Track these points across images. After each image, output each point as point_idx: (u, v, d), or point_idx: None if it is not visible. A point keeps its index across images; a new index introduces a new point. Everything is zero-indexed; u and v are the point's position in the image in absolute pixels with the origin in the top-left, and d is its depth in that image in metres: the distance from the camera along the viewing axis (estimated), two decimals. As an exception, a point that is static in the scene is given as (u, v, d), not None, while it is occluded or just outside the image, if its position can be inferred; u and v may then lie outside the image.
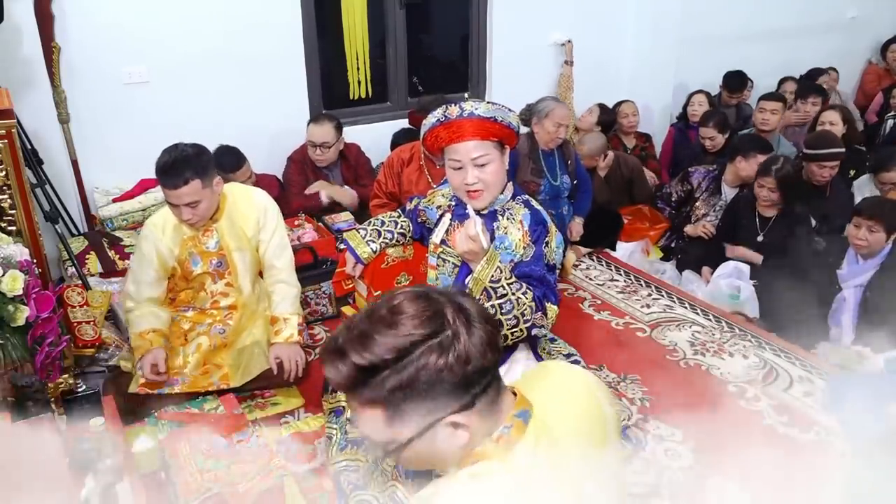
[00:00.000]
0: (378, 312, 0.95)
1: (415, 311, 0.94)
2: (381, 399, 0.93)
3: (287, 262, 2.57)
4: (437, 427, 0.95)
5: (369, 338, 0.92)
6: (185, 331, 2.54)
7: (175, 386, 2.41)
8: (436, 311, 0.94)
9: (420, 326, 0.92)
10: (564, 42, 4.69)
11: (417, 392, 0.91)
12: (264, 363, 2.45)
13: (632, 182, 4.19)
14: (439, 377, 0.91)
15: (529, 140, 3.45)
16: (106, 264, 3.15)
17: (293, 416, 2.46)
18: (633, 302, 3.27)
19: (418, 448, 0.97)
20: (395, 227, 2.39)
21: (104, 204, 3.57)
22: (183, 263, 2.48)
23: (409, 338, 0.91)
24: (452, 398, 0.93)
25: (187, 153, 2.30)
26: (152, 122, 3.61)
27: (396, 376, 0.91)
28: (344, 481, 2.00)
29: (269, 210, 2.53)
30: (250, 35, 3.74)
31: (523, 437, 0.99)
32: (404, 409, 0.93)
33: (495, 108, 1.99)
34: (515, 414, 1.00)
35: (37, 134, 3.25)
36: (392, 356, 0.91)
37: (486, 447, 0.97)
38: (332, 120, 3.67)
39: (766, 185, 3.38)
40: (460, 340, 0.92)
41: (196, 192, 2.30)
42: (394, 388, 0.91)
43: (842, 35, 6.03)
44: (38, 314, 2.15)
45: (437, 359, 0.91)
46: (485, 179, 1.99)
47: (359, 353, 0.92)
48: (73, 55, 3.39)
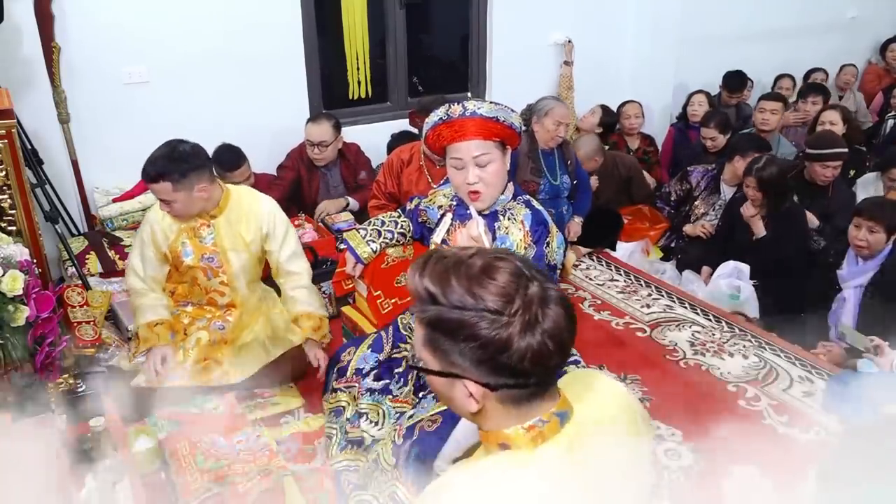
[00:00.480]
0: (475, 262, 0.98)
1: (502, 285, 0.95)
2: (426, 323, 0.99)
3: (304, 266, 2.56)
4: (455, 380, 0.99)
5: (449, 277, 0.96)
6: (185, 325, 2.54)
7: (175, 379, 2.41)
8: (517, 296, 0.95)
9: (493, 300, 0.94)
10: (564, 42, 4.70)
11: (453, 340, 0.96)
12: (264, 359, 2.46)
13: (630, 181, 4.18)
14: (474, 343, 0.94)
15: (529, 139, 3.45)
16: (106, 264, 3.15)
17: (293, 416, 2.46)
18: (633, 302, 3.27)
19: (438, 383, 1.02)
20: (395, 227, 2.39)
21: (104, 204, 3.58)
22: (174, 251, 2.45)
23: (476, 301, 0.94)
24: (476, 369, 0.96)
25: (173, 153, 2.25)
26: (152, 122, 3.60)
27: (446, 316, 0.96)
28: (344, 481, 2.01)
29: (277, 220, 2.47)
30: (250, 35, 3.74)
31: (556, 437, 0.99)
32: (439, 345, 0.98)
33: (498, 107, 1.99)
34: (555, 412, 1.01)
35: (37, 134, 3.25)
36: (452, 304, 0.95)
37: (517, 433, 0.99)
38: (329, 119, 3.67)
39: (751, 185, 3.38)
40: (509, 332, 0.93)
41: (166, 191, 2.27)
42: (438, 323, 0.97)
43: (842, 35, 6.04)
44: (38, 314, 2.15)
45: (482, 329, 0.93)
46: (485, 179, 1.98)
47: (433, 280, 0.97)
48: (74, 55, 3.40)
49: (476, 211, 2.03)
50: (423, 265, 1.00)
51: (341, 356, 2.24)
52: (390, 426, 2.03)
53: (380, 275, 2.44)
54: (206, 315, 2.56)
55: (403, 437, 1.92)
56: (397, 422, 2.01)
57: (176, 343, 2.47)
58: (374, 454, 1.98)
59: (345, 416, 2.11)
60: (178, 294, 2.60)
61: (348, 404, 2.12)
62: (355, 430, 2.07)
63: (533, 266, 1.00)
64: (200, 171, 2.29)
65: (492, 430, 1.02)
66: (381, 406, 2.09)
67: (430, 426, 1.89)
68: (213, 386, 2.43)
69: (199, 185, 2.29)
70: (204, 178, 2.31)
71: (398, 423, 1.99)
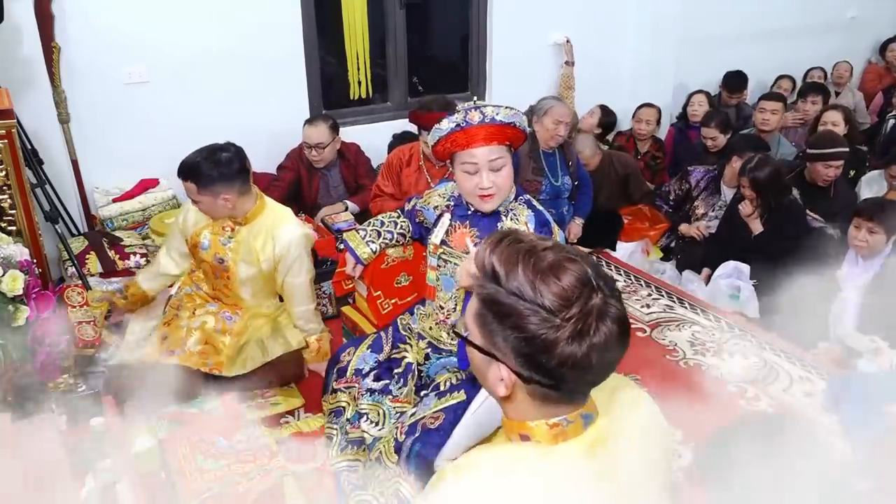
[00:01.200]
0: (547, 255, 0.96)
1: (565, 287, 0.93)
2: (482, 298, 0.98)
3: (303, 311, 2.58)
4: (493, 361, 0.99)
5: (517, 262, 0.95)
6: (196, 305, 2.60)
7: (173, 356, 2.47)
8: (576, 303, 0.93)
9: (551, 300, 0.92)
10: (564, 42, 4.70)
11: (501, 324, 0.95)
12: (260, 358, 2.49)
13: (627, 179, 4.17)
14: (520, 334, 0.93)
15: (530, 139, 3.45)
16: (106, 264, 3.15)
17: (293, 417, 2.46)
18: (633, 302, 3.27)
19: (476, 357, 1.02)
20: (395, 228, 2.39)
21: (104, 204, 3.57)
22: (195, 239, 2.52)
23: (535, 295, 0.93)
24: (515, 359, 0.96)
25: (209, 158, 2.31)
26: (152, 122, 3.61)
27: (502, 299, 0.95)
28: (344, 481, 2.01)
29: (292, 250, 2.45)
30: (250, 35, 3.74)
31: (579, 438, 0.99)
32: (487, 323, 0.98)
33: (513, 112, 1.97)
34: (581, 413, 1.00)
35: (37, 134, 3.25)
36: (511, 289, 0.94)
37: (539, 426, 0.99)
38: (326, 120, 3.66)
39: (745, 185, 3.37)
40: (557, 335, 0.92)
41: (192, 191, 2.35)
42: (493, 303, 0.96)
43: (841, 35, 6.03)
44: (38, 314, 2.15)
45: (531, 323, 0.92)
46: (498, 183, 1.97)
47: (500, 260, 0.96)
48: (74, 55, 3.39)
49: (483, 213, 2.03)
50: (497, 241, 0.99)
51: (341, 356, 2.24)
52: (392, 424, 2.03)
53: (380, 275, 2.44)
54: (218, 303, 2.61)
55: (406, 433, 1.92)
56: (399, 420, 2.01)
57: (182, 319, 2.56)
58: (376, 452, 1.98)
59: (345, 417, 2.11)
60: (197, 276, 2.68)
61: (348, 405, 2.12)
62: (356, 430, 2.07)
63: (603, 275, 0.97)
64: (229, 182, 2.33)
65: (515, 419, 1.02)
66: (381, 406, 2.09)
67: (432, 423, 1.89)
68: (206, 373, 2.45)
69: (225, 195, 2.34)
70: (231, 190, 2.35)
71: (400, 421, 1.99)
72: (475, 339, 1.01)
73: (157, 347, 2.52)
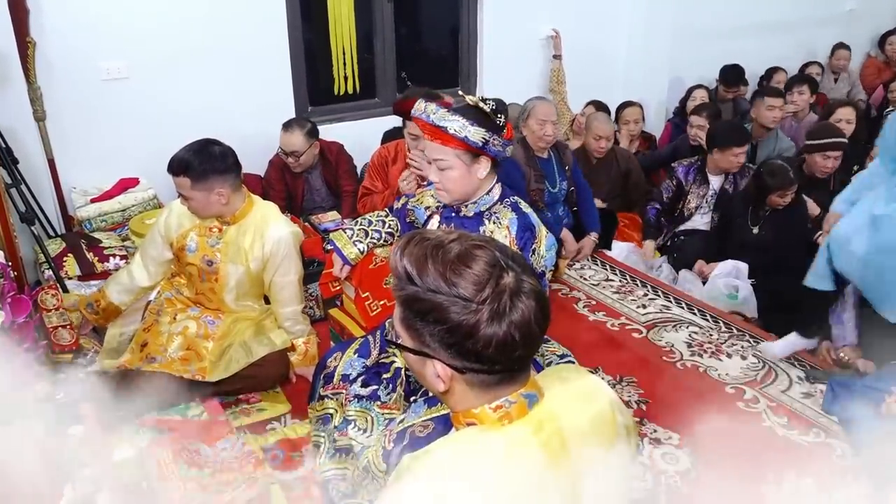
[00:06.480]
0: (453, 247, 1.00)
1: (476, 273, 0.97)
2: (402, 301, 1.02)
3: (290, 312, 2.54)
4: (427, 359, 1.02)
5: (426, 261, 0.99)
6: (176, 310, 2.55)
7: (154, 363, 2.42)
8: (490, 285, 0.97)
9: (465, 287, 0.96)
10: (553, 35, 4.63)
11: (425, 321, 0.99)
12: (243, 361, 2.44)
13: (628, 174, 4.12)
14: (443, 326, 0.97)
15: (522, 146, 3.37)
16: (84, 267, 3.07)
17: (279, 423, 2.42)
18: (629, 302, 3.22)
19: (412, 360, 1.07)
20: (383, 227, 2.34)
21: (82, 204, 3.50)
22: (181, 242, 2.46)
23: (450, 287, 0.97)
24: (445, 352, 1.00)
25: (201, 152, 2.29)
26: (132, 119, 3.55)
27: (420, 297, 0.99)
28: (332, 490, 1.97)
29: (281, 248, 2.42)
30: (233, 29, 3.67)
31: (524, 417, 1.02)
32: (413, 324, 1.02)
33: (455, 118, 1.89)
34: (522, 393, 1.03)
35: (12, 132, 3.15)
36: (427, 287, 0.98)
37: (483, 411, 1.03)
38: (303, 126, 3.56)
39: (784, 196, 3.26)
40: (476, 319, 0.95)
41: (185, 187, 2.30)
42: (413, 303, 1.00)
43: (840, 27, 6.01)
44: (13, 318, 2.10)
45: (451, 314, 0.96)
46: (444, 183, 1.98)
47: (411, 262, 1.00)
48: (49, 50, 3.31)
49: (465, 215, 2.03)
50: (405, 244, 1.03)
51: (328, 362, 2.18)
52: (380, 432, 1.98)
53: (368, 276, 2.39)
54: (200, 308, 2.56)
55: (394, 442, 1.87)
56: (387, 427, 1.96)
57: (162, 324, 2.50)
58: (363, 461, 1.93)
59: (333, 424, 2.05)
60: (178, 281, 2.62)
61: (336, 411, 2.07)
62: (344, 437, 2.02)
63: (512, 255, 1.01)
64: (223, 176, 2.31)
65: (461, 410, 1.06)
66: (369, 413, 2.04)
67: (421, 432, 1.83)
68: (188, 380, 2.40)
69: (219, 189, 2.31)
70: (225, 184, 2.32)
71: (388, 429, 1.94)
72: (406, 343, 1.04)
73: (138, 354, 2.45)
